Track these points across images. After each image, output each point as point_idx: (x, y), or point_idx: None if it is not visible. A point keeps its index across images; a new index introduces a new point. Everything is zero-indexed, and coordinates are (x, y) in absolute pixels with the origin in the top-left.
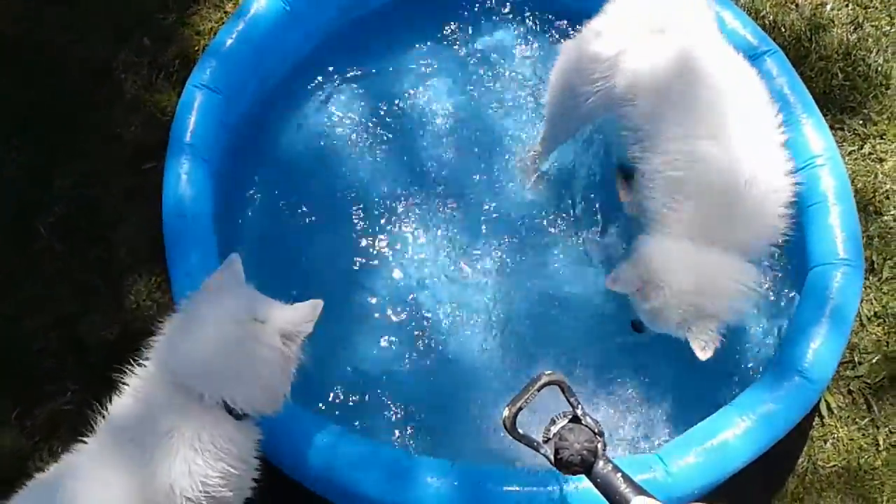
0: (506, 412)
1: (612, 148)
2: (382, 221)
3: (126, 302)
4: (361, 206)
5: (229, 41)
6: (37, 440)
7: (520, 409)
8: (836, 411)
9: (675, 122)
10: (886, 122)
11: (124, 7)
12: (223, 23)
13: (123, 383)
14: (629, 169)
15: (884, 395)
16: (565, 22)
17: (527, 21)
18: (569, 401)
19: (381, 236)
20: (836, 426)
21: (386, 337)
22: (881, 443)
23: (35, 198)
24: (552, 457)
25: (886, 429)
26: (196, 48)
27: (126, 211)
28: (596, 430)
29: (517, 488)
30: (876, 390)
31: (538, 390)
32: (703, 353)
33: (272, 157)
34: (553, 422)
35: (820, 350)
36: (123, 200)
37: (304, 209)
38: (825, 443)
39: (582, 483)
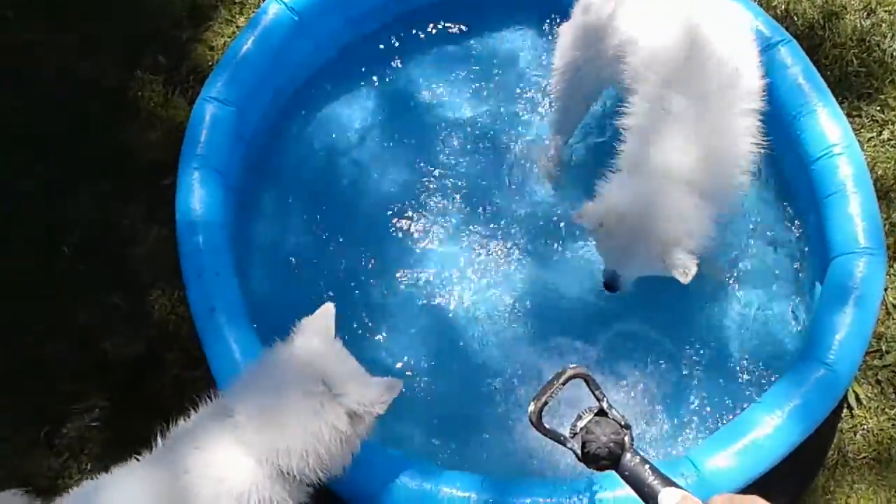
0: (531, 407)
1: None
2: (399, 228)
3: (149, 318)
4: (377, 214)
5: (240, 54)
6: (66, 458)
7: (545, 403)
8: (864, 402)
9: (656, 75)
10: None
11: (137, 26)
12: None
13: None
14: None
15: None
16: None
17: (540, 26)
18: (594, 394)
19: (398, 243)
20: (865, 417)
21: (404, 342)
22: None
23: (56, 218)
24: (579, 451)
25: None
26: (210, 63)
27: (146, 227)
28: (622, 423)
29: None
30: None
31: (563, 384)
32: (685, 278)
33: (288, 168)
34: (579, 417)
35: (845, 341)
36: (143, 217)
37: (320, 218)
38: (855, 434)
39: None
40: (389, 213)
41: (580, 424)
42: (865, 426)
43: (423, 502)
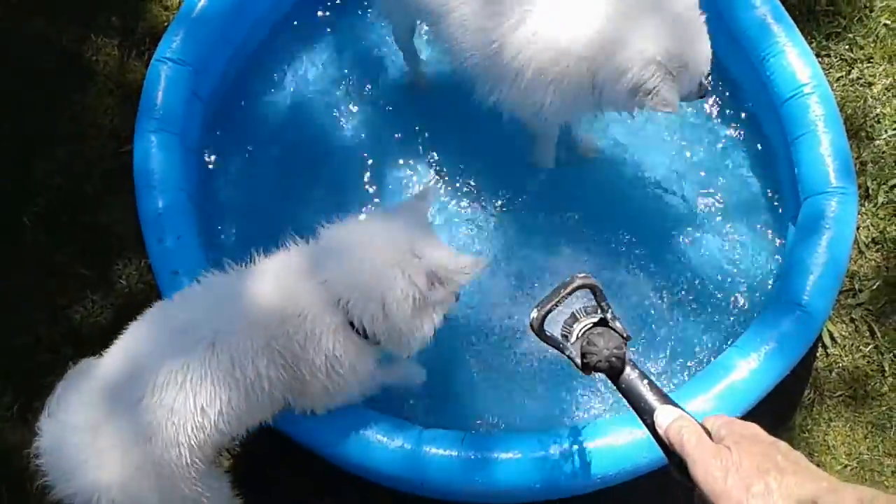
0: (534, 313)
1: None
2: (368, 184)
3: (118, 287)
4: (344, 171)
5: (194, 12)
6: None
7: (549, 311)
8: (839, 340)
9: None
10: (872, 45)
11: None
12: None
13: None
14: None
15: (886, 321)
16: None
17: None
18: (600, 305)
19: (367, 200)
20: (840, 355)
21: None
22: (887, 368)
23: (16, 190)
24: (579, 359)
25: (891, 354)
26: (165, 23)
27: (109, 195)
28: (624, 335)
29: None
30: (878, 316)
31: (569, 293)
32: (668, 107)
33: (251, 127)
34: (575, 318)
35: (819, 281)
36: (105, 185)
37: (284, 176)
38: (830, 373)
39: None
40: (357, 169)
41: (577, 328)
42: (840, 364)
43: (407, 461)
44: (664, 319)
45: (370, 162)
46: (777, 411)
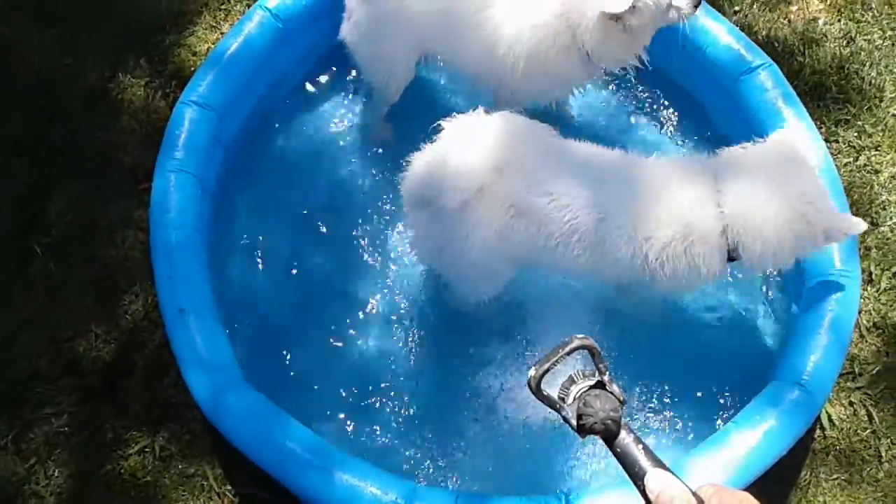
0: (532, 372)
1: None
2: (378, 233)
3: (122, 322)
4: (355, 220)
5: (222, 59)
6: (32, 463)
7: (547, 370)
8: (837, 423)
9: None
10: (881, 133)
11: (121, 28)
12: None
13: None
14: None
15: (885, 406)
16: None
17: None
18: (598, 367)
19: (377, 248)
20: (837, 438)
21: (387, 342)
22: (883, 454)
23: (31, 219)
24: (574, 421)
25: (888, 440)
26: (192, 68)
27: (123, 231)
28: (621, 399)
29: None
30: (877, 401)
31: (568, 354)
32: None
33: (267, 174)
34: (573, 381)
35: (819, 362)
36: (120, 221)
37: (297, 224)
38: (827, 455)
39: None
40: (368, 219)
41: (574, 390)
42: (838, 447)
43: None
44: (660, 391)
45: (381, 214)
46: (773, 491)
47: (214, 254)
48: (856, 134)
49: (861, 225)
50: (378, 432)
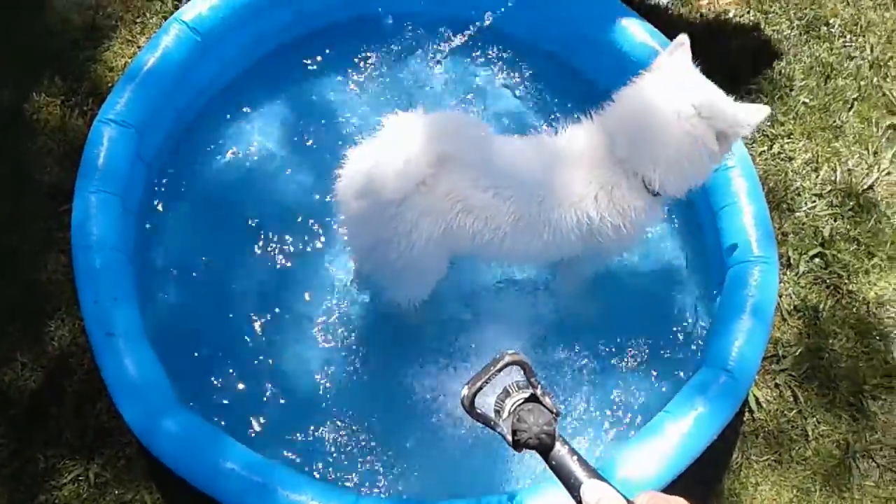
0: (465, 391)
1: None
2: (305, 243)
3: (49, 348)
4: (282, 232)
5: (139, 75)
6: None
7: (479, 388)
8: (764, 405)
9: None
10: (792, 122)
11: (33, 45)
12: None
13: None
14: None
15: (808, 387)
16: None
17: (443, 43)
18: (529, 381)
19: (305, 258)
20: (766, 420)
21: (324, 355)
22: (810, 433)
23: None
24: (510, 437)
25: (814, 419)
26: (109, 84)
27: (45, 254)
28: (554, 411)
29: None
30: (801, 382)
31: (499, 370)
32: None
33: (192, 189)
34: (507, 393)
35: (744, 347)
36: (42, 244)
37: (224, 238)
38: (757, 437)
39: None
40: (294, 231)
41: (509, 403)
42: (766, 429)
43: None
44: (595, 385)
45: (312, 223)
46: (707, 475)
47: (142, 274)
48: (768, 123)
49: (763, 109)
50: (319, 447)
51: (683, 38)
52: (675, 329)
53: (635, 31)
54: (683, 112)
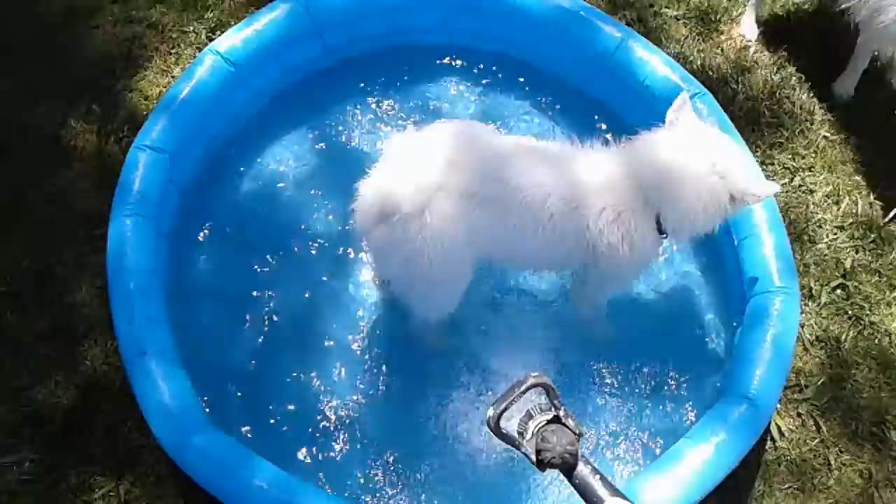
0: (490, 412)
1: None
2: (334, 269)
3: (82, 368)
4: (311, 256)
5: (174, 103)
6: None
7: (505, 409)
8: (786, 434)
9: None
10: (813, 155)
11: (72, 74)
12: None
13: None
14: None
15: (831, 416)
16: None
17: (471, 71)
18: (553, 403)
19: (333, 284)
20: (788, 449)
21: (351, 377)
22: (832, 462)
23: None
24: (534, 456)
25: (836, 448)
26: (145, 113)
27: (79, 277)
28: (577, 432)
29: None
30: (823, 412)
31: (523, 392)
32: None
33: (223, 213)
34: (530, 416)
35: (765, 376)
36: (76, 267)
37: (254, 262)
38: (779, 465)
39: None
40: (321, 256)
41: (532, 425)
42: (788, 458)
43: None
44: (616, 410)
45: (339, 249)
46: (729, 502)
47: (174, 296)
48: (790, 156)
49: (773, 187)
50: (345, 468)
51: (685, 97)
52: (695, 357)
53: (657, 65)
54: (708, 170)
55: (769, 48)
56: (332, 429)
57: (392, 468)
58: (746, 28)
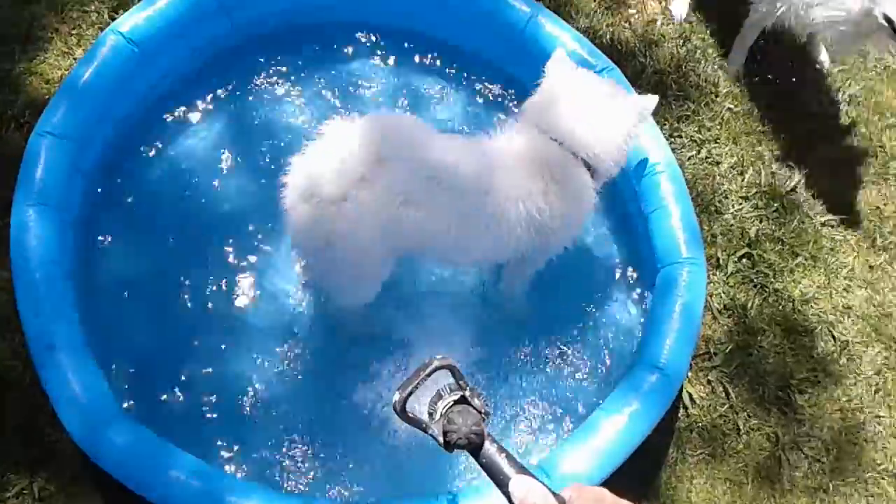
0: (396, 396)
1: None
2: (248, 251)
3: None
4: (224, 241)
5: (77, 87)
6: None
7: (410, 393)
8: (697, 402)
9: None
10: (719, 127)
11: None
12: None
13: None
14: None
15: (739, 383)
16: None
17: (381, 48)
18: (458, 383)
19: (248, 268)
20: (699, 416)
21: (269, 362)
22: (741, 427)
23: None
24: (441, 438)
25: (745, 413)
26: (46, 96)
27: None
28: (482, 411)
29: None
30: (731, 378)
31: (428, 375)
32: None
33: (133, 199)
34: (440, 396)
35: (674, 345)
36: None
37: (166, 248)
38: (691, 433)
39: None
40: (236, 240)
41: (441, 406)
42: (700, 424)
43: None
44: (532, 385)
45: (255, 232)
46: (643, 471)
47: (84, 287)
48: (696, 129)
49: (652, 99)
50: (266, 455)
51: (561, 51)
52: (609, 330)
53: (566, 41)
54: (606, 93)
55: (674, 22)
56: (252, 416)
57: (314, 454)
58: (677, 6)
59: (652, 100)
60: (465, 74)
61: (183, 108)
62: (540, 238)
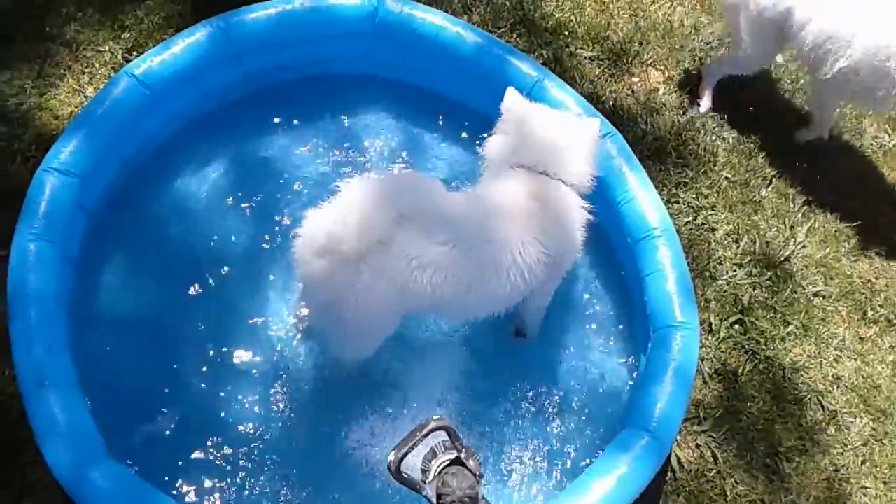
0: (392, 456)
1: None
2: (245, 294)
3: None
4: (222, 283)
5: (86, 125)
6: None
7: (405, 454)
8: (686, 465)
9: None
10: (716, 195)
11: None
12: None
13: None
14: None
15: (728, 447)
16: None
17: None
18: (454, 445)
19: (245, 309)
20: (686, 480)
21: (259, 406)
22: (728, 493)
23: None
24: (434, 500)
25: (732, 479)
26: (55, 132)
27: None
28: (477, 474)
29: None
30: (720, 443)
31: (425, 436)
32: None
33: (134, 238)
34: (434, 453)
35: (665, 409)
36: None
37: (164, 287)
38: (678, 496)
39: None
40: (233, 283)
41: (435, 465)
42: (687, 489)
43: None
44: (521, 443)
45: (252, 276)
46: None
47: (78, 324)
48: (694, 195)
49: (596, 121)
50: (250, 495)
51: (513, 91)
52: (601, 390)
53: (570, 105)
54: (562, 118)
55: (676, 90)
56: (239, 458)
57: (300, 493)
58: (705, 100)
59: (596, 122)
60: (471, 132)
61: (188, 152)
62: (548, 270)
